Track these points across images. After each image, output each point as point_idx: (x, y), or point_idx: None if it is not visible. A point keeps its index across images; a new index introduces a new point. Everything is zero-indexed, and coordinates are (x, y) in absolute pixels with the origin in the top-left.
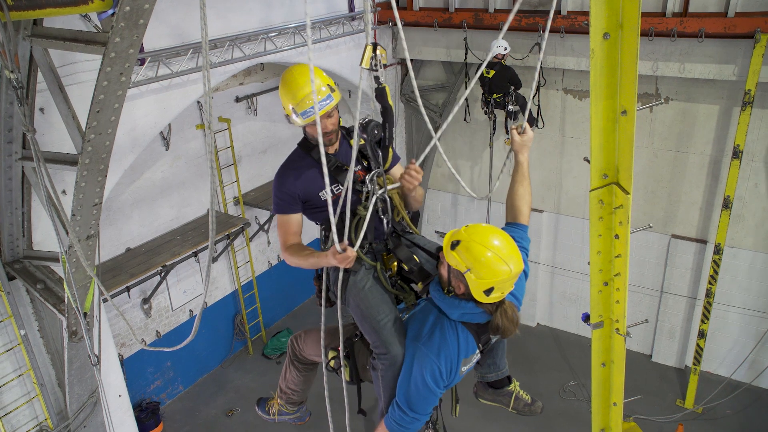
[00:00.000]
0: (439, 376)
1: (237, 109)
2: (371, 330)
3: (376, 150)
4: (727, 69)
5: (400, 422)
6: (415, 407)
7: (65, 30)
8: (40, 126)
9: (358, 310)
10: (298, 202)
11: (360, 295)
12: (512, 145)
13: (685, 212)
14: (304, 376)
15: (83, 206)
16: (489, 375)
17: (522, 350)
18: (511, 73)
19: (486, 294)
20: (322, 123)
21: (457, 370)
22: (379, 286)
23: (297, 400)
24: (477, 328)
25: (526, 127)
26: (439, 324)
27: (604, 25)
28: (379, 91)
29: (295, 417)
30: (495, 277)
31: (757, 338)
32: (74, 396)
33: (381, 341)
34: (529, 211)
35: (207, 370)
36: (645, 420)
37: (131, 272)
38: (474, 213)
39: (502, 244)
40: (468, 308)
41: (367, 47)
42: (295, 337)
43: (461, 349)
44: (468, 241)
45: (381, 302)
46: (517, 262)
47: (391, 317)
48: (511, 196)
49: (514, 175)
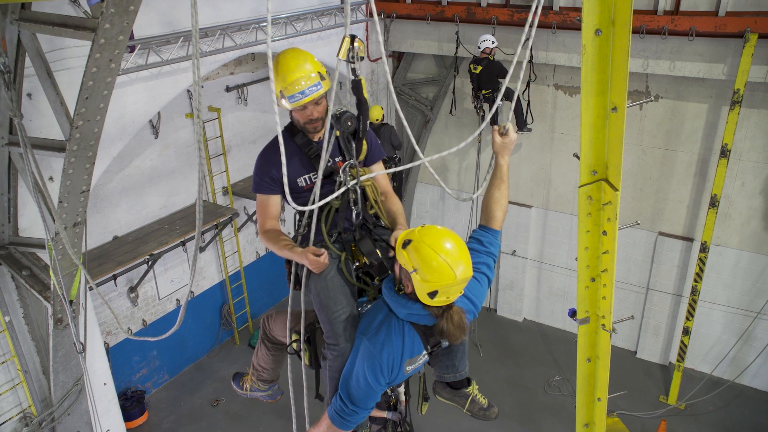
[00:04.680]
0: (380, 373)
1: (227, 99)
2: (326, 320)
3: (350, 141)
4: (717, 68)
5: (341, 413)
6: (355, 400)
7: (54, 15)
8: (27, 111)
9: (318, 299)
10: (277, 183)
11: (321, 284)
12: (492, 146)
13: (672, 210)
14: (273, 355)
15: (70, 193)
16: (447, 375)
17: (508, 344)
18: (498, 67)
19: (430, 297)
20: (308, 109)
21: (400, 369)
22: (341, 278)
23: (268, 378)
24: (425, 329)
25: (509, 128)
26: (386, 322)
27: (596, 21)
28: (355, 83)
29: (267, 395)
30: (440, 281)
31: (740, 336)
32: (59, 383)
33: (333, 332)
34: (504, 216)
35: (193, 360)
36: (628, 415)
37: (118, 260)
38: (463, 207)
39: (453, 249)
40: (415, 309)
41: (345, 39)
42: (267, 316)
43: (405, 349)
44: (418, 242)
45: (340, 294)
46: (466, 268)
47: (347, 310)
48: (486, 199)
49: (492, 178)
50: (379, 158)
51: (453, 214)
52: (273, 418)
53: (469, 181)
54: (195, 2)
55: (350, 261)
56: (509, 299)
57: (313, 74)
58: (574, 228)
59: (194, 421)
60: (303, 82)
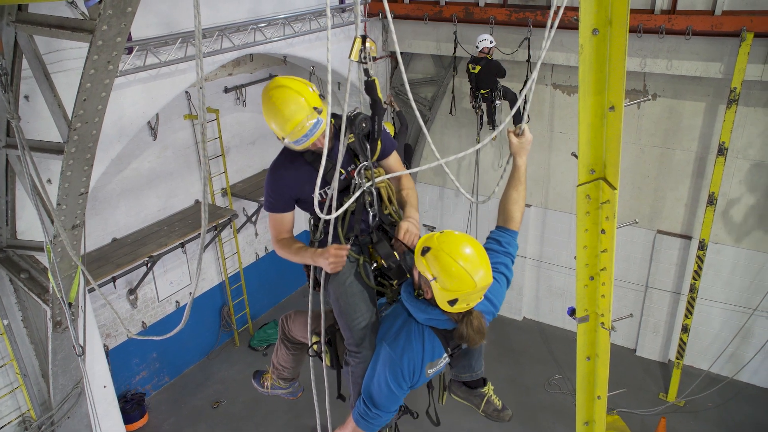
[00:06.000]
0: (402, 378)
1: (225, 100)
2: (346, 327)
3: (365, 143)
4: (714, 67)
5: (365, 416)
6: (378, 404)
7: (51, 16)
8: (25, 114)
9: (337, 305)
10: (290, 201)
11: (340, 290)
12: (510, 147)
13: (670, 208)
14: (293, 354)
15: (69, 195)
16: (463, 375)
17: (508, 344)
18: (496, 66)
19: (450, 304)
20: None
21: (421, 373)
22: (359, 283)
23: (288, 377)
24: (445, 333)
25: (525, 129)
26: (406, 326)
27: (594, 20)
28: (369, 84)
29: (288, 392)
30: (460, 290)
31: (739, 333)
32: (58, 387)
33: (354, 340)
34: (521, 216)
35: (193, 362)
36: (628, 413)
37: (117, 263)
38: (461, 206)
39: (472, 257)
40: (434, 314)
41: (356, 40)
42: (285, 316)
43: (426, 354)
44: (437, 250)
45: (359, 300)
46: (485, 275)
47: (367, 317)
48: (504, 199)
49: (510, 179)
50: (392, 150)
51: (452, 214)
52: (273, 418)
53: (468, 181)
54: (198, 3)
55: (368, 264)
56: (509, 298)
57: (309, 115)
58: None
59: (195, 423)
60: (302, 126)
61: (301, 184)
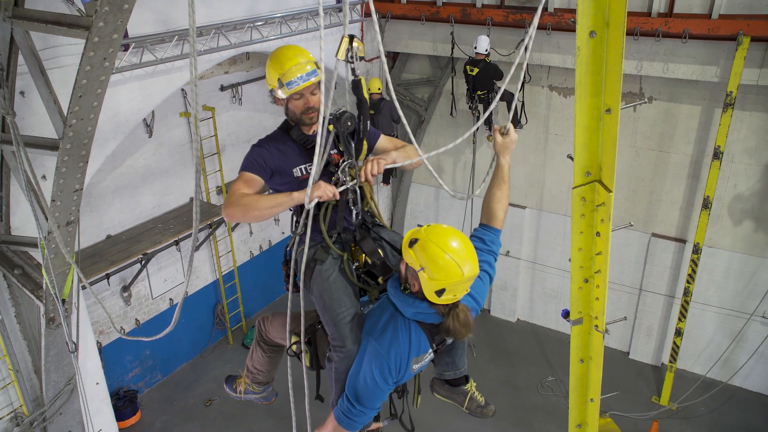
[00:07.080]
0: (388, 372)
1: (221, 98)
2: (330, 322)
3: (349, 141)
4: (710, 70)
5: (348, 414)
6: (362, 401)
7: (47, 12)
8: (20, 109)
9: (321, 300)
10: (267, 170)
11: (323, 286)
12: (494, 146)
13: (665, 211)
14: (269, 357)
15: (63, 192)
16: (446, 373)
17: (501, 345)
18: (494, 69)
19: (438, 295)
20: (305, 98)
21: (407, 367)
22: (343, 279)
23: (263, 380)
24: (431, 327)
25: (510, 128)
26: (392, 321)
27: (591, 23)
28: (355, 83)
29: (261, 396)
30: (447, 279)
31: (732, 337)
32: (50, 383)
33: (339, 335)
34: (504, 215)
35: (186, 360)
36: (621, 416)
37: (111, 260)
38: (457, 207)
39: (459, 247)
40: (421, 308)
41: (344, 39)
42: (262, 318)
43: (412, 348)
44: (425, 241)
45: (344, 295)
46: (472, 266)
47: (351, 312)
48: (487, 198)
49: (494, 178)
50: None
51: (447, 214)
52: (266, 417)
53: (464, 180)
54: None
55: (351, 261)
56: (503, 300)
57: (309, 62)
58: (567, 229)
59: (187, 420)
60: (300, 68)
61: (282, 156)
